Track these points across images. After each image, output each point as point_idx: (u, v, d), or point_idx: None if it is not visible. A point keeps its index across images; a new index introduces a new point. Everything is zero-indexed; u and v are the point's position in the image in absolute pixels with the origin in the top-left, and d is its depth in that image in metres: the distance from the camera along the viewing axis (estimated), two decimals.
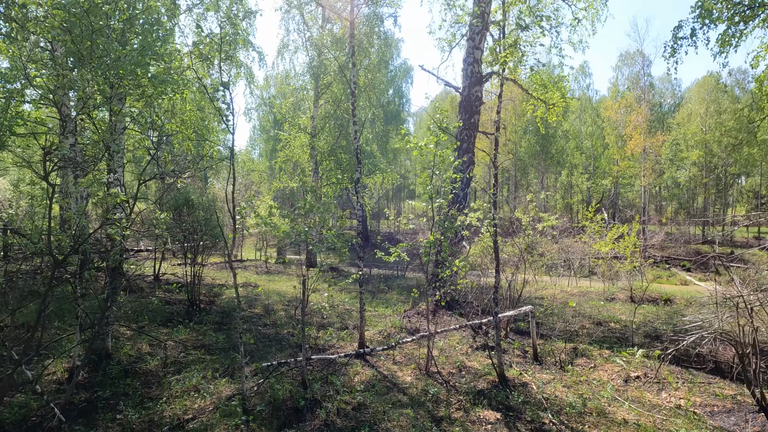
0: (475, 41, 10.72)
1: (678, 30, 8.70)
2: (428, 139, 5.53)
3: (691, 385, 5.81)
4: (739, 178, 55.76)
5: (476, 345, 7.18)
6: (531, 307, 6.77)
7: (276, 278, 16.32)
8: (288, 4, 21.14)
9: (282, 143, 21.93)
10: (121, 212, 5.61)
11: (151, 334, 7.11)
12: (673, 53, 8.88)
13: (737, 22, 8.51)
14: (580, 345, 7.65)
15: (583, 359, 6.91)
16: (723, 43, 8.79)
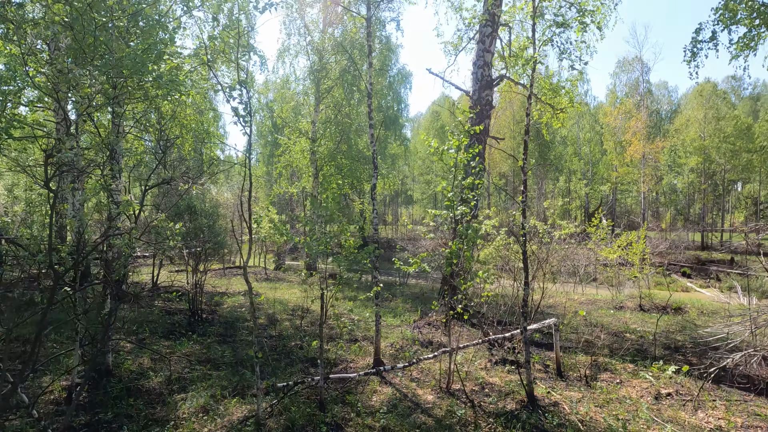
0: (486, 44, 10.46)
1: (698, 33, 8.46)
2: (450, 143, 5.23)
3: (728, 404, 5.50)
4: (735, 184, 55.85)
5: (495, 359, 6.85)
6: (555, 319, 6.45)
7: (277, 285, 15.96)
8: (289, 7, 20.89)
9: (282, 148, 21.62)
10: (125, 221, 5.27)
11: (153, 348, 6.75)
12: (693, 57, 8.65)
13: (758, 24, 8.29)
14: (600, 358, 7.34)
15: (607, 374, 6.60)
16: (744, 46, 8.57)
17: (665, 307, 14.44)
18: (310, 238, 4.08)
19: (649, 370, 6.69)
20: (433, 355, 5.77)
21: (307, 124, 20.78)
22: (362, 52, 20.46)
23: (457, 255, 5.22)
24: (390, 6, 21.85)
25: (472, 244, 5.12)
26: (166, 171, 4.72)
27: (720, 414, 5.23)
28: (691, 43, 8.57)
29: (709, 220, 49.17)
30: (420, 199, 58.86)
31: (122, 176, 11.33)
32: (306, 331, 8.76)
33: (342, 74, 19.89)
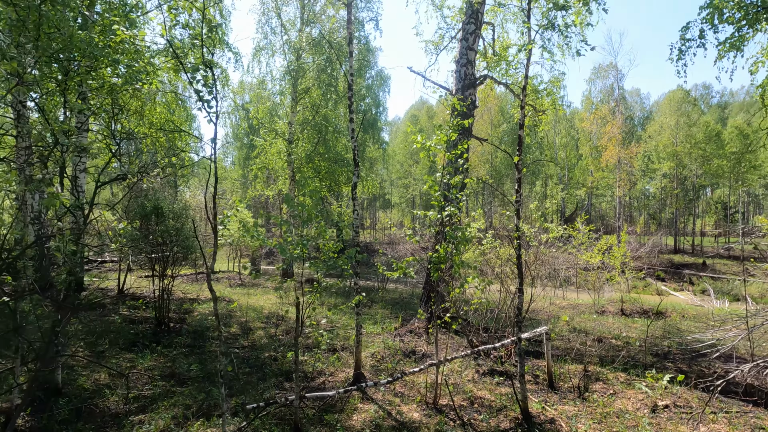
0: (469, 42, 10.14)
1: (685, 31, 8.29)
2: (438, 138, 4.83)
3: (729, 416, 5.21)
4: (705, 190, 57.16)
5: (483, 370, 6.46)
6: (546, 327, 6.10)
7: (251, 291, 15.34)
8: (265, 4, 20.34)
9: (257, 150, 20.99)
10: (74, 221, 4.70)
11: (108, 365, 6.14)
12: (681, 56, 8.47)
13: (744, 24, 8.16)
14: (590, 367, 7.03)
15: (600, 384, 6.27)
16: (731, 46, 8.43)
17: (647, 311, 14.33)
18: (285, 241, 3.61)
19: (643, 379, 6.39)
20: (419, 368, 5.34)
21: (283, 125, 20.21)
22: (341, 52, 20.04)
23: (446, 259, 4.81)
24: (369, 6, 21.53)
25: (462, 248, 4.72)
26: (123, 165, 4.20)
27: (721, 428, 4.93)
28: (679, 42, 8.41)
29: (680, 224, 50.14)
30: (398, 202, 58.63)
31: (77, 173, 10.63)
32: (281, 341, 8.24)
33: (319, 74, 19.42)
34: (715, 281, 32.40)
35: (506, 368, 6.64)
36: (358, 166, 5.71)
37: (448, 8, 12.91)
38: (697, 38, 8.33)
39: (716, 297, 23.39)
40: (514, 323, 7.41)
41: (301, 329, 3.91)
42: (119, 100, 5.42)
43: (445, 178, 4.95)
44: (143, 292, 11.93)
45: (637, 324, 12.33)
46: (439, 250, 4.72)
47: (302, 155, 19.79)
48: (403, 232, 39.54)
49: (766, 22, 8.01)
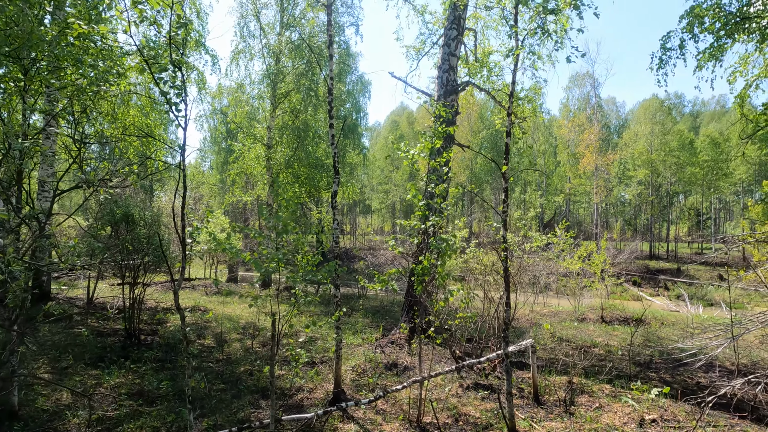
0: (451, 47, 10.03)
1: (666, 40, 8.30)
2: (422, 145, 4.65)
3: (716, 430, 5.11)
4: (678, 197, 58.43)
5: (467, 384, 6.27)
6: (532, 340, 5.94)
7: (228, 300, 14.94)
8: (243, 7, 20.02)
9: (235, 154, 20.59)
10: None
11: (70, 383, 5.77)
12: (661, 65, 8.48)
13: (723, 35, 8.21)
14: (575, 378, 6.90)
15: (585, 397, 6.14)
16: (710, 56, 8.48)
17: (626, 318, 14.38)
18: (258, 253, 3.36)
19: (629, 391, 6.28)
20: (402, 386, 5.12)
21: (262, 130, 19.86)
22: (321, 56, 19.82)
23: (429, 271, 4.61)
24: (350, 11, 21.39)
25: (447, 258, 4.53)
26: (84, 172, 3.90)
27: None
28: (660, 51, 8.42)
29: (655, 230, 51.09)
30: (378, 208, 58.48)
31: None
32: (257, 354, 7.93)
33: (299, 78, 19.16)
34: (690, 286, 32.98)
35: (491, 382, 6.46)
36: (338, 173, 5.49)
37: (430, 14, 12.82)
38: (677, 48, 8.35)
39: (691, 302, 23.74)
40: (501, 337, 7.25)
41: (277, 345, 3.66)
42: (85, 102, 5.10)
43: (429, 187, 4.76)
44: (114, 301, 11.47)
45: (618, 332, 12.34)
46: (422, 261, 4.53)
47: (281, 160, 19.46)
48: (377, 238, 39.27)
49: (744, 33, 8.08)
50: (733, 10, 7.80)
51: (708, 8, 7.87)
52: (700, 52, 8.48)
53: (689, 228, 56.51)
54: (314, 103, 19.92)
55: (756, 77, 9.28)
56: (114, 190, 4.55)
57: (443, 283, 4.51)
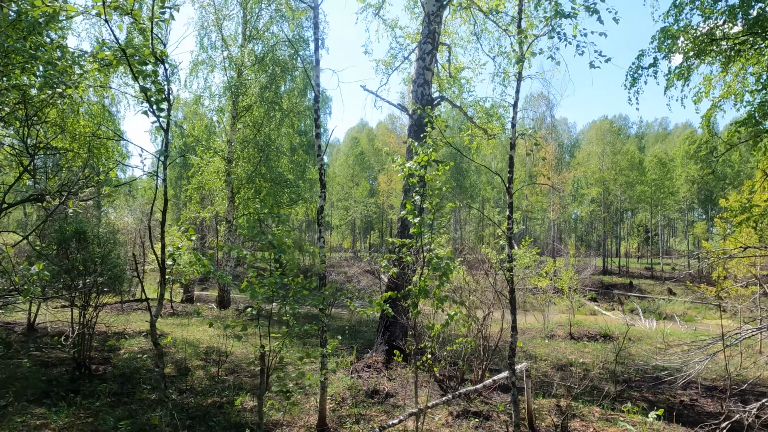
0: (426, 61, 9.87)
1: (639, 59, 8.42)
2: (419, 157, 4.34)
3: None
4: (627, 213, 60.90)
5: (456, 411, 5.91)
6: (526, 364, 5.68)
7: (186, 321, 14.06)
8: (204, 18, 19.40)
9: (193, 168, 19.72)
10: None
11: (6, 430, 5.03)
12: (634, 83, 8.59)
13: (692, 55, 8.42)
14: (562, 401, 6.69)
15: (577, 421, 5.91)
16: (679, 75, 8.67)
17: (594, 335, 14.47)
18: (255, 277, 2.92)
19: (621, 414, 6.10)
20: (399, 420, 4.70)
21: (222, 144, 19.13)
22: (284, 69, 19.40)
23: (425, 292, 4.27)
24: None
25: (446, 279, 4.21)
26: (38, 182, 3.35)
27: None
28: (632, 69, 8.54)
29: (607, 246, 52.89)
30: (338, 224, 57.89)
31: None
32: (225, 383, 7.30)
33: (262, 91, 18.64)
34: (642, 300, 34.11)
35: (480, 407, 6.13)
36: (324, 187, 5.09)
37: (401, 28, 12.71)
38: (648, 67, 8.50)
39: (644, 316, 24.45)
40: (485, 359, 6.97)
41: (267, 381, 3.20)
42: (36, 106, 4.51)
43: (425, 203, 4.45)
44: (59, 326, 10.49)
45: (589, 348, 12.35)
46: (419, 282, 4.19)
47: (242, 175, 18.76)
48: (334, 255, 38.52)
49: (714, 54, 8.32)
50: (703, 31, 8.01)
51: (679, 30, 8.05)
52: (669, 71, 8.67)
53: (639, 244, 58.87)
54: (278, 116, 19.42)
55: (719, 98, 9.59)
56: (85, 202, 4.01)
57: (441, 307, 4.18)
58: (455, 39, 13.30)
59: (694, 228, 49.30)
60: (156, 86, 2.64)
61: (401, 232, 9.25)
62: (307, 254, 16.27)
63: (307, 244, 19.46)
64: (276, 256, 3.17)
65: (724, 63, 8.77)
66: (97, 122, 12.94)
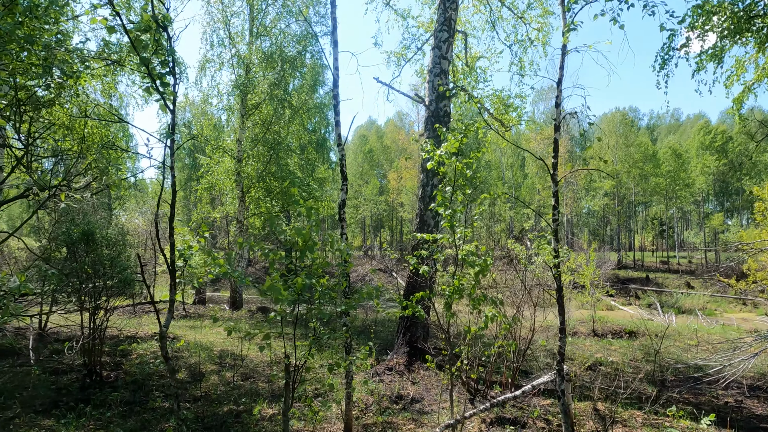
0: (442, 50, 9.47)
1: (671, 38, 7.94)
2: (449, 143, 3.96)
3: None
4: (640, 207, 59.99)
5: (490, 418, 5.52)
6: (567, 367, 5.28)
7: (198, 324, 13.77)
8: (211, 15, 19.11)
9: (203, 169, 19.46)
10: None
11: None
12: (664, 65, 8.12)
13: (727, 34, 7.94)
14: (599, 404, 6.27)
15: (620, 428, 5.50)
16: (711, 57, 8.20)
17: (618, 331, 14.00)
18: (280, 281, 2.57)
19: (665, 418, 5.68)
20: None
21: (232, 143, 18.84)
22: (293, 65, 19.06)
23: (459, 292, 3.90)
24: (323, 20, 20.73)
25: (482, 277, 3.83)
26: (32, 175, 3.04)
27: None
28: (663, 50, 8.08)
29: (621, 240, 52.11)
30: (348, 223, 57.56)
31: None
32: (241, 389, 6.97)
33: (272, 89, 18.31)
34: (660, 295, 33.39)
35: (514, 414, 5.74)
36: (346, 180, 4.73)
37: (413, 17, 12.31)
38: (680, 48, 8.02)
39: (662, 310, 23.86)
40: (517, 362, 6.57)
41: (292, 399, 2.84)
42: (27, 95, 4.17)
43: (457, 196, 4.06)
44: (71, 331, 10.24)
45: (615, 346, 11.88)
46: (453, 281, 3.81)
47: (252, 174, 18.47)
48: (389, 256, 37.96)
49: (750, 33, 7.82)
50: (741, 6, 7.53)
51: (715, 5, 7.57)
52: (702, 52, 8.21)
53: (653, 237, 57.93)
54: (287, 114, 19.10)
55: (753, 81, 9.09)
56: (82, 196, 3.71)
57: (478, 307, 3.80)
58: (468, 29, 12.89)
59: (711, 220, 48.39)
60: (158, 57, 2.29)
61: (420, 228, 8.87)
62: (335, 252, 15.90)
63: (337, 241, 19.05)
64: (301, 254, 2.81)
65: (760, 43, 8.27)
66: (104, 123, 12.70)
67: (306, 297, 2.97)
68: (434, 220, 8.95)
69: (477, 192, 45.50)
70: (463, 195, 3.99)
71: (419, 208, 9.10)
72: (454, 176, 3.95)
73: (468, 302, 4.20)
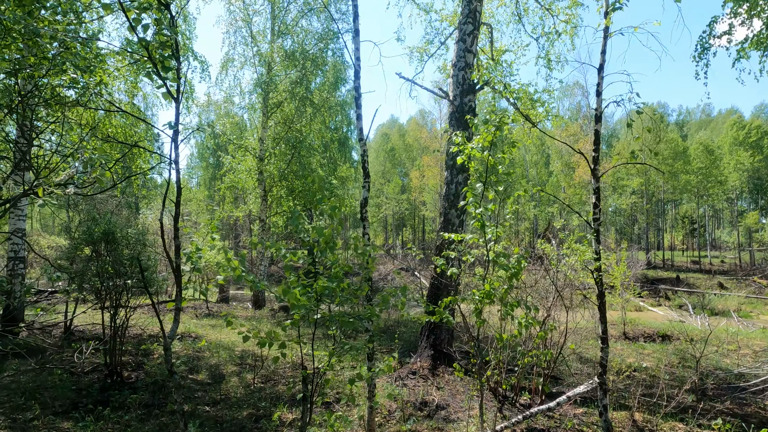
0: (467, 43, 9.16)
1: (712, 26, 7.50)
2: (481, 137, 3.69)
3: None
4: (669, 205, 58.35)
5: (521, 428, 5.22)
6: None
7: (220, 322, 13.71)
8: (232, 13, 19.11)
9: (225, 168, 19.52)
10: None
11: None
12: (703, 53, 7.68)
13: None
14: (636, 414, 5.91)
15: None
16: (756, 44, 7.71)
17: (650, 335, 13.45)
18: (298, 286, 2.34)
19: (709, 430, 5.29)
20: None
21: (254, 142, 18.82)
22: (315, 64, 18.93)
23: (490, 297, 3.62)
24: (344, 17, 20.57)
25: (516, 281, 3.55)
26: (32, 167, 2.89)
27: None
28: (703, 39, 7.63)
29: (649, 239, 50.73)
30: (370, 222, 57.46)
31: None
32: (261, 392, 6.81)
33: (293, 87, 18.22)
34: (691, 295, 32.27)
35: (545, 424, 5.43)
36: (368, 177, 4.50)
37: (435, 11, 12.01)
38: (721, 35, 7.57)
39: (694, 312, 23.02)
40: (549, 369, 6.25)
41: (310, 413, 2.62)
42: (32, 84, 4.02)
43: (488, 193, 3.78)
44: (97, 330, 10.26)
45: (648, 350, 11.38)
46: (484, 285, 3.54)
47: (274, 173, 18.42)
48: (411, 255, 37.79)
49: None
50: None
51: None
52: (745, 39, 7.72)
53: (684, 236, 56.23)
54: (309, 112, 18.98)
55: None
56: (100, 194, 3.56)
57: (511, 312, 3.52)
58: (493, 22, 12.53)
59: (745, 218, 46.71)
60: (159, 39, 2.07)
61: (444, 227, 8.59)
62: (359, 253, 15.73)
63: (360, 241, 18.90)
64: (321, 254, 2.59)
65: None
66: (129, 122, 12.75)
67: (327, 301, 2.75)
68: (459, 219, 8.66)
69: (505, 191, 44.68)
70: (496, 192, 3.72)
71: (443, 207, 8.83)
72: (486, 172, 3.67)
73: (500, 307, 3.93)
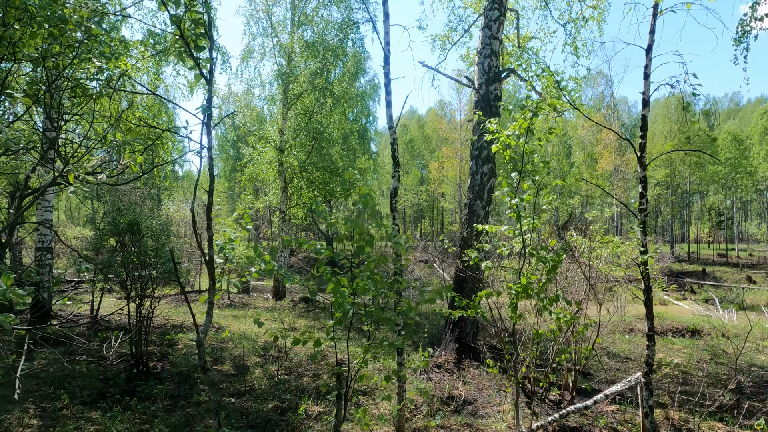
0: (492, 30, 8.91)
1: (754, 8, 7.13)
2: (517, 123, 3.52)
3: None
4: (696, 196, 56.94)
5: (552, 426, 5.07)
6: (640, 373, 4.77)
7: (242, 313, 13.78)
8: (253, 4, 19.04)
9: (246, 159, 19.56)
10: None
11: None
12: (744, 36, 7.32)
13: None
14: (671, 412, 5.70)
15: None
16: None
17: (679, 329, 13.12)
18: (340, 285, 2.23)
19: None
20: None
21: (274, 133, 18.80)
22: (335, 54, 18.77)
23: (527, 291, 3.47)
24: (365, 7, 20.34)
25: (554, 275, 3.40)
26: (61, 158, 2.85)
27: None
28: (745, 20, 7.26)
29: (675, 231, 49.62)
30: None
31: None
32: (286, 384, 6.78)
33: (313, 78, 18.10)
34: (717, 289, 31.43)
35: (578, 421, 5.27)
36: (398, 166, 4.36)
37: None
38: (761, 18, 7.20)
39: (721, 306, 22.43)
40: (579, 365, 6.07)
41: (345, 412, 2.52)
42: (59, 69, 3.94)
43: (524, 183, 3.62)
44: (120, 320, 10.37)
45: (678, 345, 11.08)
46: (521, 279, 3.39)
47: (295, 164, 18.39)
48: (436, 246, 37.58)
49: None
50: None
51: None
52: None
53: (710, 228, 54.85)
54: (329, 103, 18.87)
55: None
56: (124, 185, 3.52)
57: (549, 308, 3.37)
58: (518, 8, 12.22)
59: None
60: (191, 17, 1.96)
61: (469, 218, 8.42)
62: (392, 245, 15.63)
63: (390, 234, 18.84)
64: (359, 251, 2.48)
65: None
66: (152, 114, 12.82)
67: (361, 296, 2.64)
68: (484, 210, 8.48)
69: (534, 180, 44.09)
70: (533, 182, 3.56)
71: (468, 198, 8.65)
72: (521, 161, 3.51)
73: (530, 302, 3.78)
